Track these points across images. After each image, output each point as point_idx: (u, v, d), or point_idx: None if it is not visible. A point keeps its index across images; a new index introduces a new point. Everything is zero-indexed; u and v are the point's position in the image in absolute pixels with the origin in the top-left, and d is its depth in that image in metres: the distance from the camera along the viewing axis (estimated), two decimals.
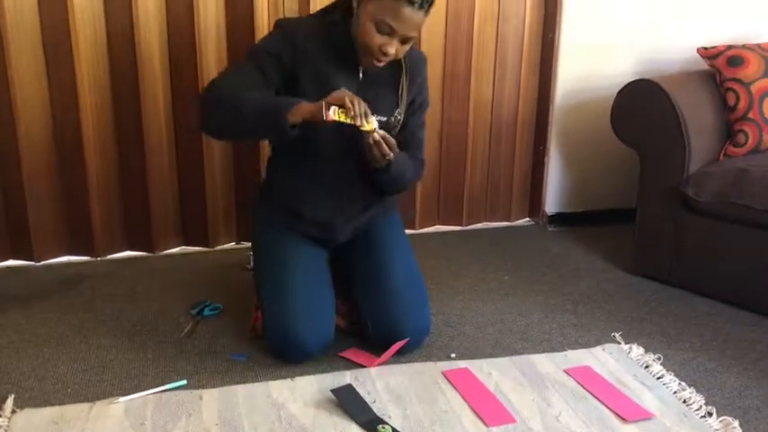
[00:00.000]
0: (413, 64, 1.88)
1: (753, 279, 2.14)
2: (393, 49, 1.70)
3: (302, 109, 1.65)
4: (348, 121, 1.62)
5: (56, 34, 2.25)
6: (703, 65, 2.49)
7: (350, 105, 1.61)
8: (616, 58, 2.77)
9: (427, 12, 1.69)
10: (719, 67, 2.39)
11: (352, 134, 1.70)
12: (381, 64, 1.74)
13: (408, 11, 1.64)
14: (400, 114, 1.86)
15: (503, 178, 2.90)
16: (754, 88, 2.31)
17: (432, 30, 2.59)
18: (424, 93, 1.95)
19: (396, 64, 1.83)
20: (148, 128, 2.40)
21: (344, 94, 1.63)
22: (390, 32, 1.67)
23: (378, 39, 1.68)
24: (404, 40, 1.71)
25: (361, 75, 1.81)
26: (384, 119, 1.82)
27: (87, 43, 2.27)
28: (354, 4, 1.73)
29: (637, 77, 2.38)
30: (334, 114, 1.61)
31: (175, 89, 2.41)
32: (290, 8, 2.43)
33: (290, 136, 1.66)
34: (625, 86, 2.37)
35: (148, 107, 2.38)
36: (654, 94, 2.27)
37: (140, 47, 2.31)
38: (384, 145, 1.69)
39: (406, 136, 1.90)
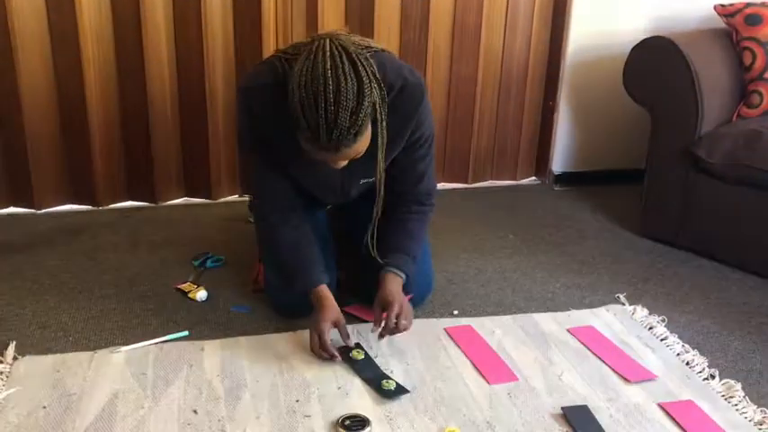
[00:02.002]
0: (403, 115, 1.59)
1: (761, 243, 2.11)
2: (341, 164, 1.48)
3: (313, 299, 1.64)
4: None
5: None
6: (720, 23, 2.42)
7: (319, 353, 1.58)
8: (631, 14, 2.70)
9: (354, 142, 1.40)
10: (736, 26, 2.33)
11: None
12: None
13: (325, 154, 1.41)
14: (381, 174, 1.61)
15: (510, 136, 2.85)
16: None
17: None
18: (423, 128, 1.67)
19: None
20: (151, 78, 2.36)
21: (312, 343, 1.59)
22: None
23: (320, 158, 1.45)
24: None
25: None
26: (372, 180, 1.69)
27: None
28: None
29: (651, 35, 2.32)
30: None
31: (179, 39, 2.36)
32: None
33: None
34: (639, 43, 2.31)
35: (151, 57, 2.33)
36: (668, 51, 2.21)
37: None
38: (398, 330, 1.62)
39: (406, 166, 1.71)
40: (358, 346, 1.65)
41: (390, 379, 1.53)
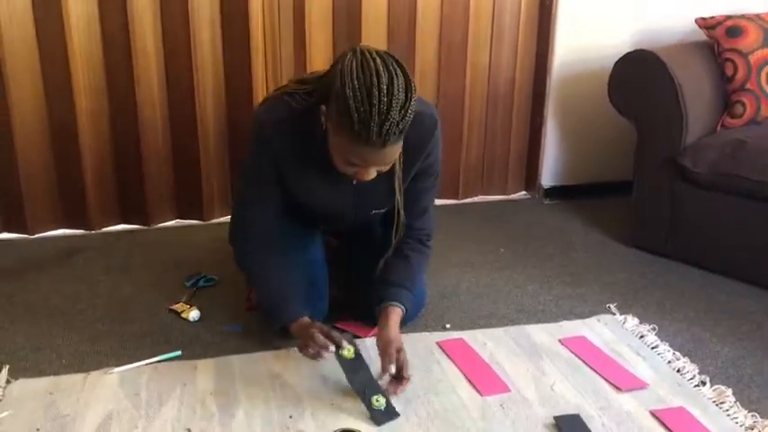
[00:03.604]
0: (414, 144, 1.58)
1: (748, 251, 2.13)
2: (370, 176, 1.47)
3: (293, 331, 1.63)
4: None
5: (48, 6, 2.21)
6: (702, 35, 2.47)
7: (310, 348, 1.54)
8: (615, 29, 2.74)
9: (398, 141, 1.40)
10: (718, 38, 2.37)
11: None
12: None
13: (369, 151, 1.39)
14: (400, 204, 1.67)
15: (499, 151, 2.88)
16: (752, 58, 2.29)
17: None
18: (431, 160, 1.69)
19: None
20: (142, 100, 2.38)
21: (303, 336, 1.57)
22: (361, 165, 1.45)
23: (350, 169, 1.46)
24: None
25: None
26: (383, 210, 1.73)
27: (79, 15, 2.24)
28: (322, 119, 1.47)
29: (635, 48, 2.36)
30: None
31: (168, 64, 2.39)
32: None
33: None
34: (623, 57, 2.34)
35: (142, 79, 2.35)
36: (651, 64, 2.25)
37: (133, 16, 2.28)
38: (400, 385, 1.54)
39: (410, 198, 1.70)
40: (350, 341, 1.59)
41: (381, 396, 1.52)
